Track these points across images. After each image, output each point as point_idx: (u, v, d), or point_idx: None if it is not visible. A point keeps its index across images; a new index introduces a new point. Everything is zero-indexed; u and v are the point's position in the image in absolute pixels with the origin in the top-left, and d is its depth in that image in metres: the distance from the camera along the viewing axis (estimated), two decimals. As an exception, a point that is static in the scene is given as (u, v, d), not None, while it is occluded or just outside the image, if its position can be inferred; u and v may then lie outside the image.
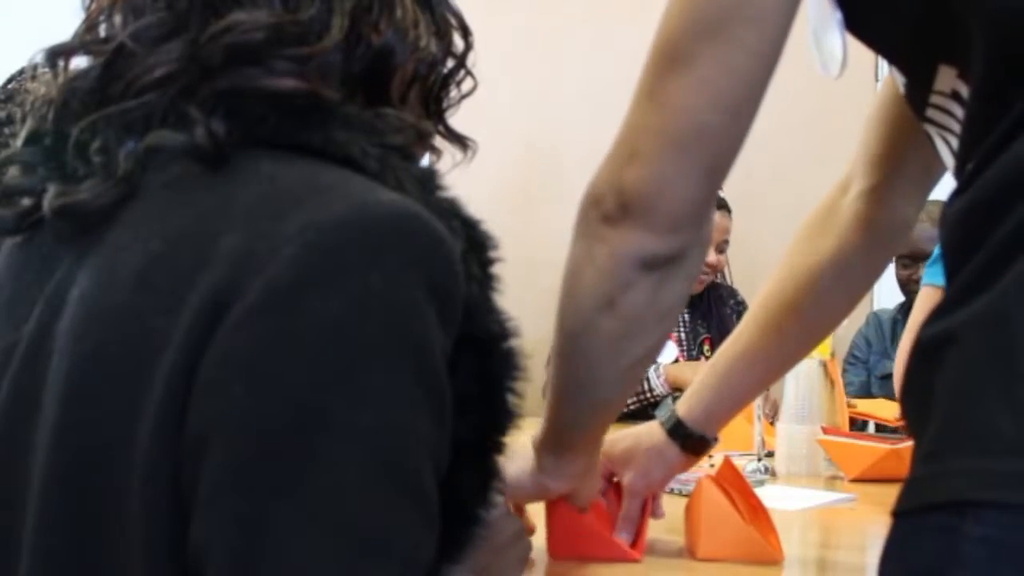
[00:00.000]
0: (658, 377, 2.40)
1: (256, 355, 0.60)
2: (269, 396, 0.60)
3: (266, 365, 0.60)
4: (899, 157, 1.04)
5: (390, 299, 0.62)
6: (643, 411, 2.39)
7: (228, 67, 0.69)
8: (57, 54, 0.73)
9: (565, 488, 1.07)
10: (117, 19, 0.72)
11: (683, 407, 1.14)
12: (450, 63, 0.80)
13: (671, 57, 0.79)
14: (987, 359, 0.61)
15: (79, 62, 0.73)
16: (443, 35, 0.79)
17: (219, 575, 0.59)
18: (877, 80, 3.37)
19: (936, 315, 0.67)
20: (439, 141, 0.83)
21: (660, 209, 0.82)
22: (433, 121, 0.81)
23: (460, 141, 0.82)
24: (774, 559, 1.11)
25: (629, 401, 2.38)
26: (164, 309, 0.63)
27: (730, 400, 1.15)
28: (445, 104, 0.81)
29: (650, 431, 1.15)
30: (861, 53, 0.84)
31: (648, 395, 2.40)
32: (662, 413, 1.15)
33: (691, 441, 1.13)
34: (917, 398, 0.67)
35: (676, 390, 2.37)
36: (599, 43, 3.24)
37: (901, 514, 0.65)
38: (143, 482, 0.61)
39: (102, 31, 0.73)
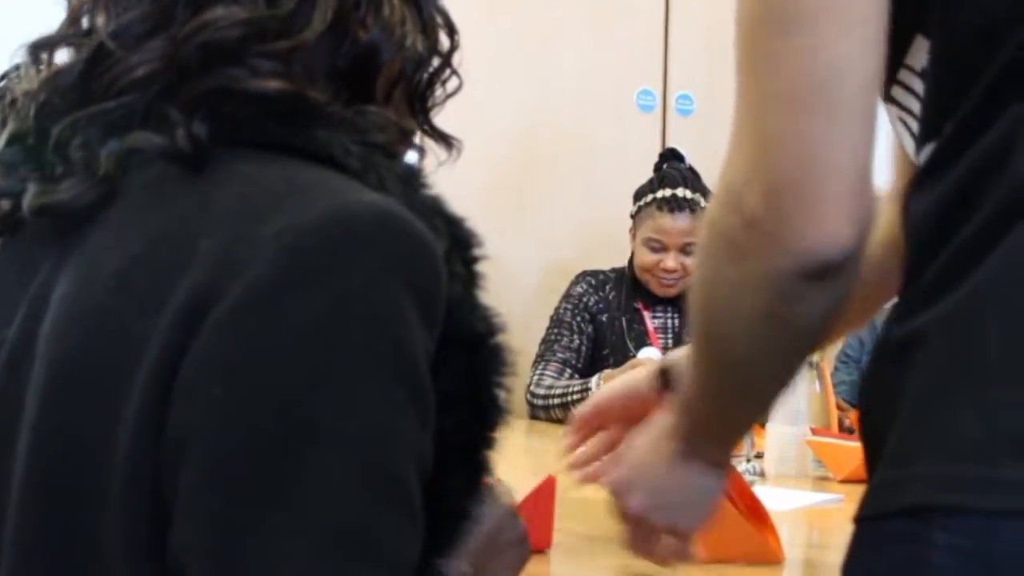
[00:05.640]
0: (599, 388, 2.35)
1: (235, 358, 0.60)
2: (248, 399, 0.60)
3: (245, 368, 0.60)
4: None
5: (370, 301, 0.61)
6: None
7: (208, 67, 0.68)
8: (40, 48, 0.72)
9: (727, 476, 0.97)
10: (100, 18, 0.71)
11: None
12: (436, 62, 0.80)
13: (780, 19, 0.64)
14: (957, 361, 0.59)
15: (63, 56, 0.72)
16: (429, 33, 0.79)
17: None
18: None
19: (903, 314, 0.65)
20: (429, 141, 0.82)
21: (824, 191, 0.63)
22: (418, 120, 0.80)
23: (445, 140, 0.82)
24: (776, 559, 1.11)
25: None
26: (143, 311, 0.62)
27: None
28: (430, 103, 0.81)
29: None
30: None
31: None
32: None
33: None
34: (882, 399, 0.64)
35: None
36: (592, 45, 3.24)
37: (865, 519, 0.63)
38: (123, 485, 0.61)
39: (85, 23, 0.72)
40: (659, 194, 2.49)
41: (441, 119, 0.82)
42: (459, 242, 0.70)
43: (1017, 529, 0.54)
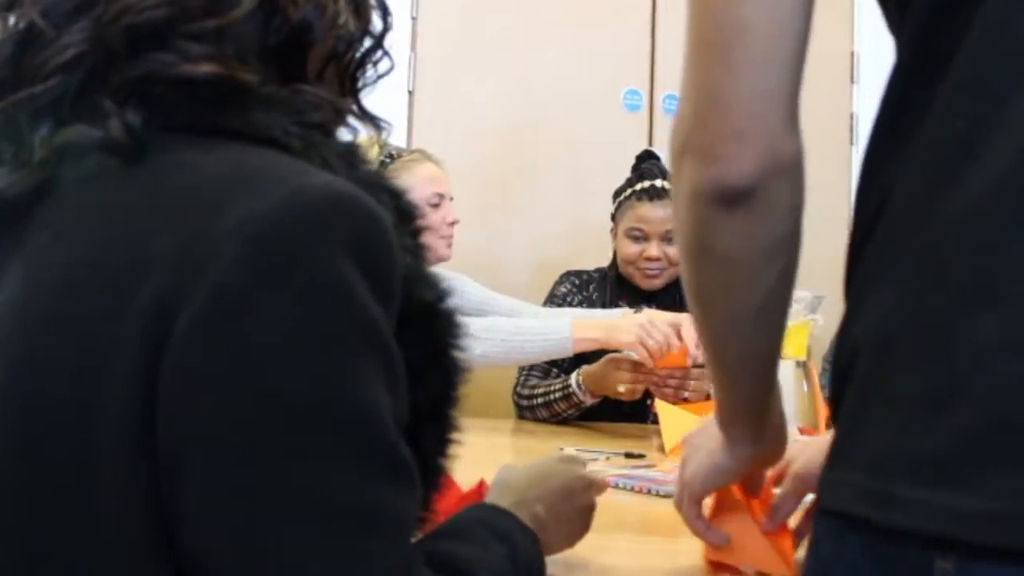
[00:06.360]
0: (580, 387, 2.34)
1: (217, 367, 0.60)
2: (239, 404, 0.60)
3: (229, 375, 0.60)
4: None
5: (334, 285, 0.62)
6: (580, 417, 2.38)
7: (137, 50, 0.68)
8: None
9: (747, 463, 1.01)
10: None
11: None
12: (368, 42, 0.80)
13: None
14: (875, 382, 0.65)
15: None
16: (362, 13, 0.79)
17: None
18: (853, 82, 3.38)
19: (846, 322, 0.70)
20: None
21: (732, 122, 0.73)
22: (348, 100, 0.80)
23: (374, 121, 0.82)
24: (787, 571, 1.09)
25: (565, 407, 2.36)
26: (101, 314, 0.61)
27: None
28: (361, 83, 0.81)
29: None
30: (839, 56, 0.84)
31: (576, 399, 2.36)
32: None
33: None
34: (834, 403, 0.71)
35: (596, 396, 2.31)
36: (579, 44, 3.24)
37: (817, 513, 0.70)
38: (116, 493, 0.61)
39: None
40: (638, 186, 2.51)
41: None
42: (403, 214, 0.72)
43: (906, 545, 0.60)
